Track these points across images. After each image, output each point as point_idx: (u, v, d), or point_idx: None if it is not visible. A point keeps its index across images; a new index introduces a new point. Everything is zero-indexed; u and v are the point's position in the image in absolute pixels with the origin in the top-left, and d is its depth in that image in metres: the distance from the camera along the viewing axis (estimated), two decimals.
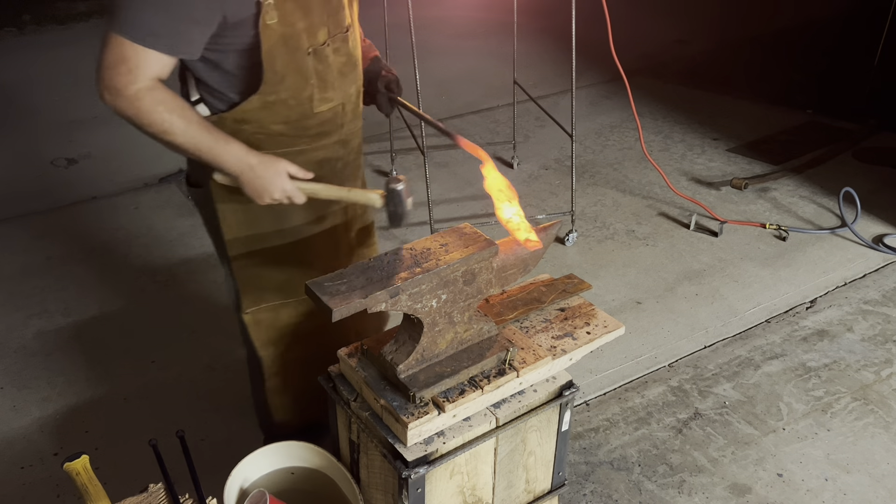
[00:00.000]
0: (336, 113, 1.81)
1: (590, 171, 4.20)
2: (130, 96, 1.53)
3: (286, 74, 1.65)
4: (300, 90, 1.69)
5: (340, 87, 1.78)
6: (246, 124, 1.70)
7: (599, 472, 2.33)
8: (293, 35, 1.61)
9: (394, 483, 1.64)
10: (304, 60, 1.66)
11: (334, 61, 1.73)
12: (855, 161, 4.26)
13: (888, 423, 2.50)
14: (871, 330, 2.94)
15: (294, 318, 1.99)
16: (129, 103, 1.54)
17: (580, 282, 1.99)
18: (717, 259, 3.40)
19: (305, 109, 1.73)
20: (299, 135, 1.77)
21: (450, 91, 5.29)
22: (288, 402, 2.11)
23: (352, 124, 1.89)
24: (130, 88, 1.53)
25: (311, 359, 2.02)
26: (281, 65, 1.63)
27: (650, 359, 2.81)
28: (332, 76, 1.73)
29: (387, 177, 1.68)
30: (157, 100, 1.55)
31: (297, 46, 1.63)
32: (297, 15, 1.60)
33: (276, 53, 1.61)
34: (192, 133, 1.59)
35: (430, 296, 1.55)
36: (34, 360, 2.83)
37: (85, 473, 1.69)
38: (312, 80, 1.69)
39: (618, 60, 3.23)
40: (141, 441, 1.90)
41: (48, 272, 3.34)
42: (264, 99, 1.65)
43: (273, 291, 1.94)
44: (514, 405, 1.71)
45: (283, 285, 1.94)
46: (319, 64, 1.69)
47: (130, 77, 1.52)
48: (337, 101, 1.78)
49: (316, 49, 1.67)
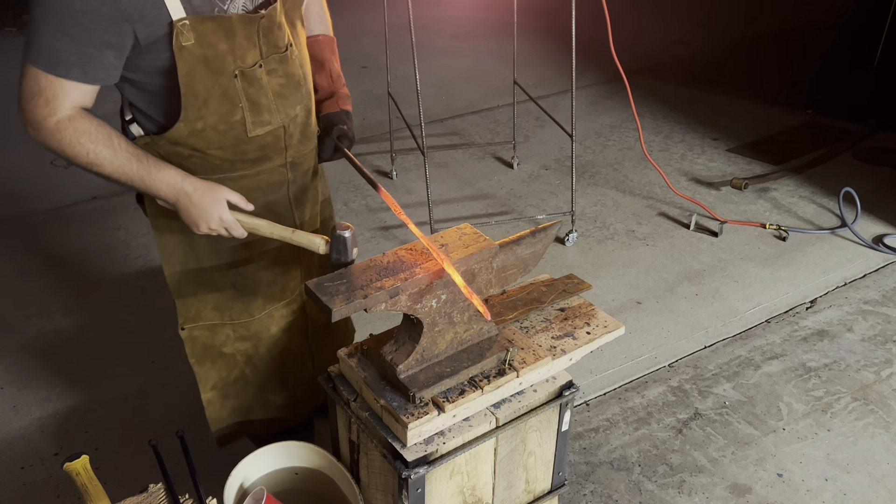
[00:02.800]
0: (277, 136, 1.71)
1: (590, 171, 4.20)
2: (51, 129, 1.47)
3: (209, 98, 1.55)
4: (228, 114, 1.59)
5: (280, 109, 1.67)
6: (180, 146, 1.62)
7: (599, 472, 2.33)
8: (215, 57, 1.51)
9: (394, 483, 1.64)
10: (230, 84, 1.56)
11: (269, 83, 1.62)
12: (855, 161, 4.26)
13: (888, 423, 2.50)
14: (871, 330, 2.94)
15: (230, 340, 1.95)
16: (50, 136, 1.47)
17: (580, 282, 1.99)
18: (717, 259, 3.40)
19: (239, 134, 1.63)
20: (238, 159, 1.68)
21: (450, 91, 5.29)
22: (224, 417, 2.06)
23: (300, 146, 1.79)
24: (50, 120, 1.46)
25: (249, 378, 2.01)
26: (202, 88, 1.53)
27: (650, 359, 2.81)
28: (266, 99, 1.63)
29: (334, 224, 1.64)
30: (80, 130, 1.48)
31: (221, 69, 1.53)
32: (219, 36, 1.50)
33: (195, 76, 1.51)
34: (120, 163, 1.52)
35: (429, 296, 1.55)
36: (34, 360, 2.83)
37: (85, 473, 1.69)
38: (242, 104, 1.59)
39: (618, 60, 3.23)
40: (141, 441, 1.90)
41: (48, 272, 3.34)
42: (191, 126, 1.57)
43: (210, 311, 1.89)
44: (514, 405, 1.71)
45: (219, 306, 1.89)
46: (249, 87, 1.59)
47: (49, 109, 1.45)
48: (276, 125, 1.68)
49: (244, 71, 1.56)
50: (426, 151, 3.24)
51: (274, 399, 2.08)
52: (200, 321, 1.90)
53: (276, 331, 1.98)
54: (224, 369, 1.99)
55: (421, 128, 3.25)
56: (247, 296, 1.89)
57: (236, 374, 2.00)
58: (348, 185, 3.98)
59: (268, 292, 1.91)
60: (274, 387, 2.06)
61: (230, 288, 1.87)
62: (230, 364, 1.98)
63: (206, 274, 1.84)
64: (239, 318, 1.91)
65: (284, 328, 1.99)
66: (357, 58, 5.77)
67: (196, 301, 1.87)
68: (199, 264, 1.83)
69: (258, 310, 1.92)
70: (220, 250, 1.81)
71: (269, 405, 2.09)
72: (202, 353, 1.95)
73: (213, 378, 1.99)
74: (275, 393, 2.07)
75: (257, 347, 1.98)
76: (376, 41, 4.74)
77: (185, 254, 1.82)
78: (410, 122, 3.71)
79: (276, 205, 1.82)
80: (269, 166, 1.74)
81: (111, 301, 3.15)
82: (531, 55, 5.69)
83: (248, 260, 1.84)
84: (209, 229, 1.64)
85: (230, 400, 2.04)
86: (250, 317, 1.92)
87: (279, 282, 1.92)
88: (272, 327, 1.97)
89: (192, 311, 1.89)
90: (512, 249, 1.69)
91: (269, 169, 1.75)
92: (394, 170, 4.13)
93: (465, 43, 6.24)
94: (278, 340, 1.99)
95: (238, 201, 1.66)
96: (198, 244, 1.79)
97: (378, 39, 4.20)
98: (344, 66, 1.96)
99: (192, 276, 1.84)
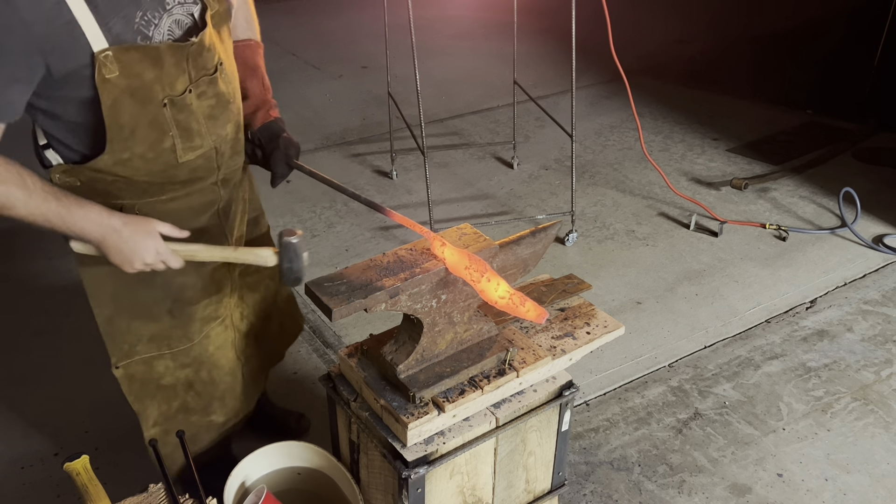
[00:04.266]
0: (209, 158, 1.62)
1: (590, 171, 4.20)
2: None
3: (136, 128, 1.46)
4: (157, 143, 1.50)
5: (210, 131, 1.59)
6: (104, 174, 1.51)
7: (599, 472, 2.33)
8: (141, 87, 1.42)
9: (394, 483, 1.64)
10: (159, 112, 1.47)
11: (199, 107, 1.54)
12: (855, 161, 4.27)
13: (888, 423, 2.50)
14: (871, 330, 2.94)
15: (170, 370, 1.84)
16: None
17: (580, 282, 1.99)
18: (717, 259, 3.40)
19: (168, 160, 1.54)
20: (167, 182, 1.59)
21: (450, 91, 5.29)
22: (170, 452, 1.91)
23: (231, 161, 1.71)
24: None
25: (191, 406, 1.92)
26: (128, 119, 1.43)
27: (650, 359, 2.81)
28: (197, 123, 1.55)
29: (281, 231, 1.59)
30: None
31: (149, 98, 1.44)
32: (145, 64, 1.41)
33: (120, 108, 1.41)
34: (35, 204, 1.40)
35: (429, 296, 1.55)
36: (34, 361, 2.83)
37: (85, 473, 1.69)
38: (172, 132, 1.50)
39: (618, 60, 3.23)
40: (141, 441, 1.90)
41: (48, 272, 3.34)
42: (116, 157, 1.47)
43: (145, 343, 1.78)
44: (514, 405, 1.71)
45: (155, 337, 1.78)
46: (179, 113, 1.50)
47: None
48: (208, 147, 1.60)
49: (173, 99, 1.47)
50: (426, 151, 3.24)
51: (216, 419, 1.99)
52: (136, 356, 1.79)
53: (212, 350, 1.89)
54: (164, 402, 1.88)
55: (421, 128, 3.25)
56: (185, 321, 1.78)
57: (177, 405, 1.90)
58: (347, 185, 3.97)
59: (204, 314, 1.82)
60: (215, 407, 1.97)
61: (167, 316, 1.76)
62: (170, 396, 1.88)
63: (140, 306, 1.73)
64: (178, 345, 1.81)
65: (220, 346, 1.90)
66: (357, 58, 5.77)
67: (129, 336, 1.75)
68: (133, 296, 1.71)
69: (197, 333, 1.82)
70: (154, 278, 1.68)
71: (212, 427, 1.99)
72: (140, 390, 1.83)
73: (153, 415, 1.88)
74: (216, 413, 1.98)
75: (198, 372, 1.88)
76: (376, 41, 4.74)
77: (117, 287, 1.69)
78: (410, 122, 3.71)
79: (208, 225, 1.73)
80: (201, 186, 1.66)
81: None
82: (531, 55, 5.69)
83: (183, 284, 1.74)
84: (144, 265, 1.53)
85: (174, 434, 1.90)
86: (190, 342, 1.82)
87: (214, 301, 1.83)
88: (209, 348, 1.87)
89: (126, 348, 1.77)
90: (512, 249, 1.69)
91: (201, 189, 1.66)
92: (394, 170, 4.13)
93: (465, 43, 6.24)
94: (217, 360, 1.91)
95: (170, 231, 1.55)
96: (130, 275, 1.63)
97: (378, 39, 4.20)
98: (344, 65, 1.95)
99: (125, 309, 1.72)
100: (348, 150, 4.43)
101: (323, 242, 3.52)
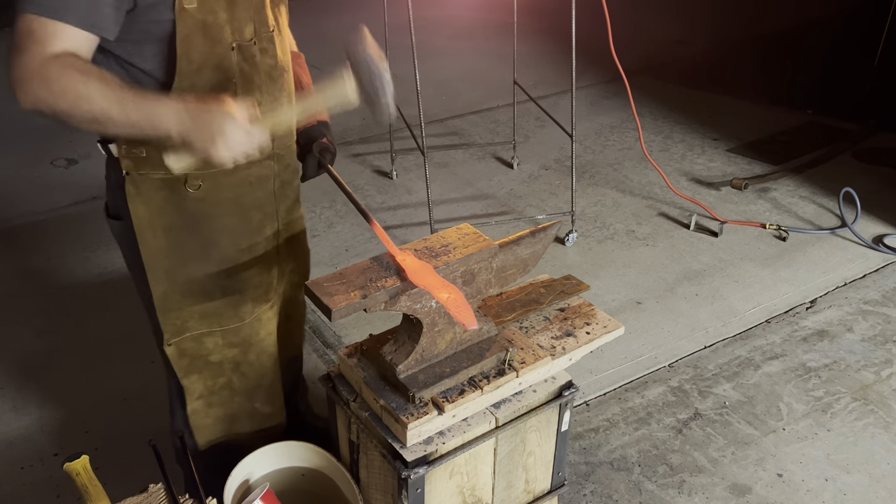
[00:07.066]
0: None
1: (590, 171, 4.20)
2: (35, 69, 1.33)
3: (203, 67, 1.49)
4: (221, 88, 1.52)
5: (269, 91, 1.62)
6: None
7: (599, 472, 2.33)
8: (214, 25, 1.47)
9: (393, 483, 1.64)
10: (228, 55, 1.51)
11: (262, 62, 1.59)
12: (855, 161, 4.27)
13: (888, 423, 2.50)
14: (871, 330, 2.94)
15: (218, 348, 1.86)
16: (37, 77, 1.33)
17: (578, 283, 1.99)
18: (717, 259, 3.40)
19: None
20: None
21: (450, 91, 5.29)
22: (209, 424, 1.96)
23: (284, 138, 1.75)
24: (37, 60, 1.33)
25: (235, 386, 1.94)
26: (198, 55, 1.48)
27: (650, 359, 2.81)
28: (259, 78, 1.59)
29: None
30: (67, 63, 1.34)
31: (219, 38, 1.49)
32: (221, 4, 1.47)
33: (193, 42, 1.46)
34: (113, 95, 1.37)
35: (429, 296, 1.55)
36: (34, 360, 2.83)
37: (85, 473, 1.69)
38: (235, 79, 1.54)
39: (618, 60, 3.23)
40: (141, 441, 1.90)
41: (48, 272, 3.34)
42: (184, 91, 1.49)
43: (197, 321, 1.80)
44: (514, 405, 1.71)
45: (207, 314, 1.80)
46: (245, 62, 1.55)
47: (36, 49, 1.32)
48: (266, 106, 1.62)
49: (241, 45, 1.53)
50: (426, 151, 3.24)
51: (261, 408, 2.00)
52: (187, 332, 1.81)
53: (263, 335, 1.91)
54: (210, 378, 1.90)
55: (421, 128, 3.25)
56: (236, 300, 1.81)
57: (222, 382, 1.92)
58: (348, 185, 3.98)
59: (255, 294, 1.84)
60: (261, 395, 1.98)
61: (219, 293, 1.78)
62: (216, 372, 1.90)
63: (193, 282, 1.75)
64: (228, 323, 1.83)
65: (271, 332, 1.93)
66: None
67: (181, 313, 1.78)
68: (187, 272, 1.74)
69: (248, 314, 1.85)
70: (210, 253, 1.73)
71: (255, 415, 2.01)
72: (189, 365, 1.86)
73: (199, 388, 1.91)
74: (262, 402, 2.00)
75: (246, 353, 1.90)
76: (376, 41, 4.73)
77: (173, 262, 1.72)
78: (410, 122, 3.71)
79: (263, 202, 1.76)
80: (258, 157, 1.66)
81: (111, 301, 3.15)
82: (531, 55, 5.69)
83: (236, 260, 1.77)
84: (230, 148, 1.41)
85: (215, 408, 1.96)
86: (240, 321, 1.84)
87: (264, 283, 1.85)
88: (260, 331, 1.90)
89: (178, 324, 1.79)
90: (512, 249, 1.69)
91: (259, 162, 1.69)
92: (394, 170, 4.13)
93: (464, 43, 6.24)
94: (266, 346, 1.93)
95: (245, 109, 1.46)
96: (186, 248, 1.70)
97: (378, 39, 4.19)
98: (345, 65, 1.95)
99: (179, 286, 1.75)
100: (348, 150, 4.43)
101: (323, 242, 3.53)
